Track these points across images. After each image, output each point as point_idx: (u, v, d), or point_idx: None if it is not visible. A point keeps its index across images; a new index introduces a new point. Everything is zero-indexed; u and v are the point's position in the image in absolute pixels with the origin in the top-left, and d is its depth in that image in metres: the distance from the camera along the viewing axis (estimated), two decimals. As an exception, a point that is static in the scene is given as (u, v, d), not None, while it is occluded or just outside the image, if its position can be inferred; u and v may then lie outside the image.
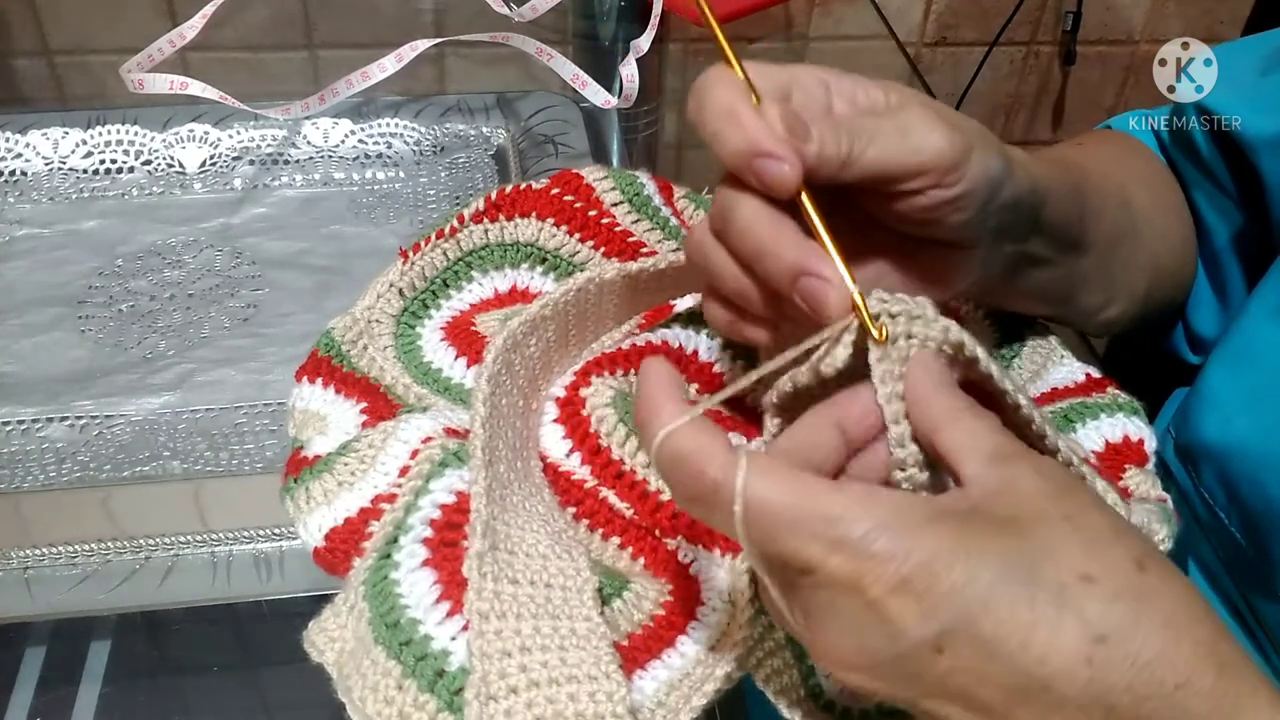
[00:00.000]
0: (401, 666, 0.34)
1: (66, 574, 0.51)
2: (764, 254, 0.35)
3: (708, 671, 0.36)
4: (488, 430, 0.38)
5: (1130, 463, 0.43)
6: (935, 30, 1.33)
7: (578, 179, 0.51)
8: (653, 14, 0.86)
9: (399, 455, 0.40)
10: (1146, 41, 1.38)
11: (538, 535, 0.37)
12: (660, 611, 0.38)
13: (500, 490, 0.37)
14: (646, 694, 0.35)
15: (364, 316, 0.47)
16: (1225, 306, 0.60)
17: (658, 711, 0.35)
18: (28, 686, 0.51)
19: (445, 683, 0.33)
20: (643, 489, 0.41)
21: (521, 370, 0.42)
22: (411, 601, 0.35)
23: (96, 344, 0.65)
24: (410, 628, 0.34)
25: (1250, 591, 0.54)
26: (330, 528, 0.40)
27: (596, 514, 0.41)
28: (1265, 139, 0.54)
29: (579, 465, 0.42)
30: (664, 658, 0.37)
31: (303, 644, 0.37)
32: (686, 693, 0.35)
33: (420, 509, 0.38)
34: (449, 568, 0.36)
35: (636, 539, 0.41)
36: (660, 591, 0.39)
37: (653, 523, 0.40)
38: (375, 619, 0.35)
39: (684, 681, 0.36)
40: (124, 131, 0.77)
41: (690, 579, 0.39)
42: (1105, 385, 0.47)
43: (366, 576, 0.37)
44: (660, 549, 0.40)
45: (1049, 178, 0.44)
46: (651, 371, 0.32)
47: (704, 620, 0.38)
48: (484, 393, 0.39)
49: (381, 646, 0.34)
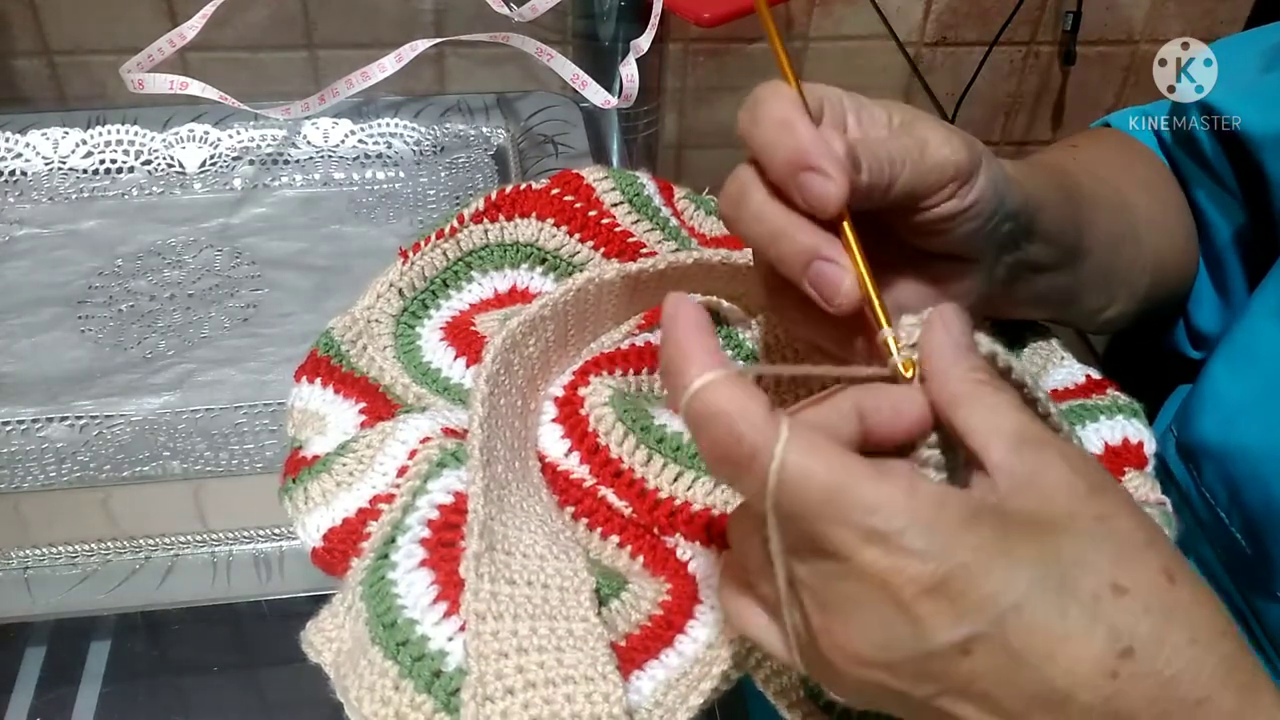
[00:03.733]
0: (398, 667, 0.34)
1: (66, 574, 0.51)
2: (778, 238, 0.34)
3: (705, 670, 0.36)
4: (486, 430, 0.38)
5: (1130, 465, 0.43)
6: (935, 30, 1.33)
7: (578, 179, 0.51)
8: (653, 14, 0.86)
9: (397, 456, 0.40)
10: (1146, 41, 1.38)
11: (535, 536, 0.37)
12: (658, 611, 0.38)
13: (498, 490, 0.37)
14: (644, 694, 0.35)
15: (363, 316, 0.47)
16: (1226, 303, 0.60)
17: (655, 711, 0.35)
18: (28, 686, 0.51)
19: (442, 683, 0.33)
20: (641, 487, 0.41)
21: (520, 370, 0.42)
22: (409, 602, 0.35)
23: (96, 344, 0.65)
24: (407, 628, 0.34)
25: (1250, 592, 0.54)
26: (328, 528, 0.40)
27: (595, 513, 0.41)
28: (1267, 137, 0.54)
29: (577, 464, 0.42)
30: (662, 657, 0.36)
31: (300, 644, 0.37)
32: (684, 692, 0.35)
33: (418, 509, 0.38)
34: (446, 568, 0.36)
35: (635, 537, 0.41)
36: (659, 591, 0.39)
37: (651, 521, 0.40)
38: (372, 619, 0.35)
39: (681, 681, 0.36)
40: (124, 131, 0.77)
41: (688, 577, 0.39)
42: (1105, 387, 0.47)
43: (364, 577, 0.37)
44: (659, 547, 0.40)
45: (1042, 187, 0.44)
46: (680, 314, 0.29)
47: (702, 619, 0.37)
48: (482, 392, 0.39)
49: (378, 647, 0.34)
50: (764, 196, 0.34)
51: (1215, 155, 0.57)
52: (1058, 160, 0.55)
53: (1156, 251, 0.56)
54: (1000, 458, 0.29)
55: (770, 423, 0.27)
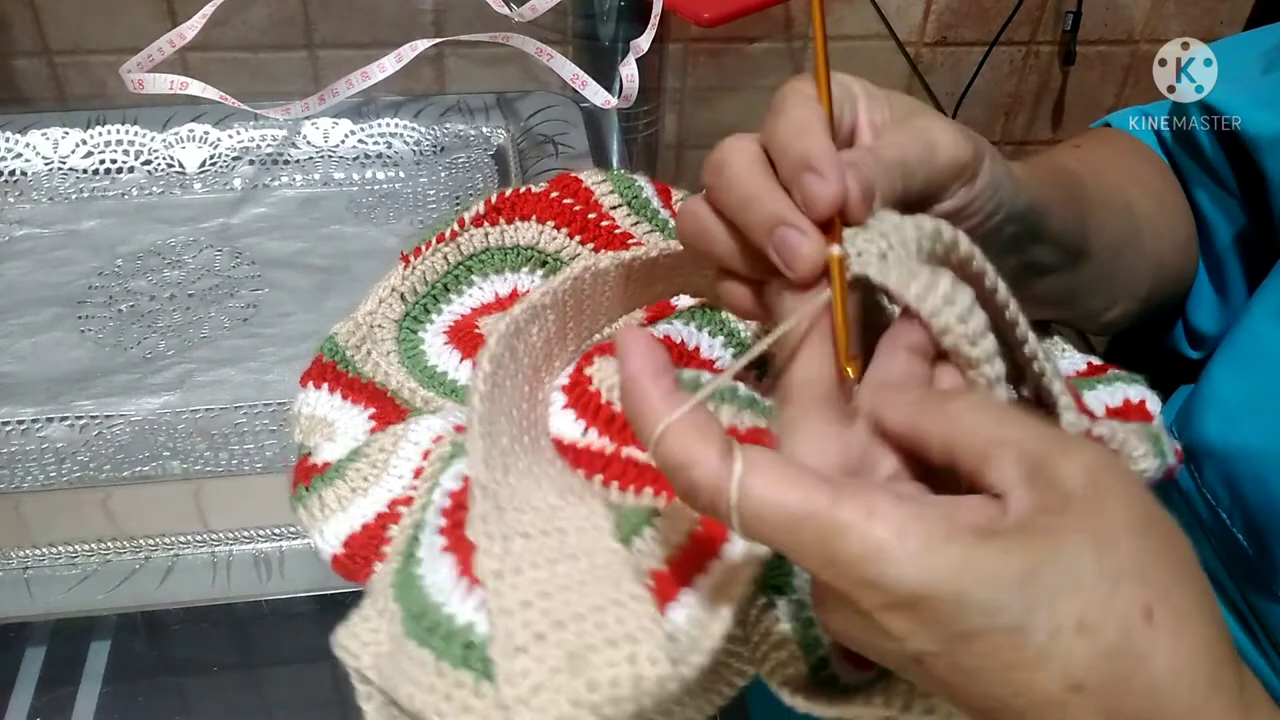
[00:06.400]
0: (433, 652, 0.33)
1: (66, 574, 0.51)
2: (748, 204, 0.34)
3: (740, 576, 0.34)
4: (486, 404, 0.37)
5: (1135, 420, 0.43)
6: (935, 30, 1.33)
7: (577, 182, 0.51)
8: (653, 14, 0.86)
9: (411, 458, 0.40)
10: (1146, 41, 1.38)
11: (546, 492, 0.37)
12: (687, 543, 0.37)
13: (502, 459, 0.37)
14: (678, 624, 0.34)
15: (366, 321, 0.47)
16: (1226, 303, 0.60)
17: (690, 629, 0.33)
18: (28, 686, 0.51)
19: (476, 654, 0.33)
20: None
21: (525, 358, 0.41)
22: (434, 588, 0.35)
23: (96, 344, 0.65)
24: (434, 612, 0.34)
25: (1251, 592, 0.54)
26: (348, 534, 0.40)
27: (624, 474, 0.40)
28: (1267, 137, 0.54)
29: (596, 438, 0.41)
30: (695, 583, 0.35)
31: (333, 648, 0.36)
32: (716, 606, 0.34)
33: (433, 503, 0.38)
34: (465, 547, 0.35)
35: (668, 484, 0.40)
36: (692, 521, 0.38)
37: None
38: (406, 617, 0.35)
39: (715, 599, 0.35)
40: (124, 131, 0.77)
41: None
42: (1106, 369, 0.48)
43: (394, 579, 0.36)
44: None
45: (1047, 189, 0.44)
46: (631, 351, 0.30)
47: (736, 540, 0.37)
48: (485, 371, 0.38)
49: (413, 640, 0.34)
50: (743, 164, 0.35)
51: (1215, 155, 0.57)
52: (1062, 161, 0.55)
53: (1157, 252, 0.56)
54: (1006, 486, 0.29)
55: (724, 464, 0.28)
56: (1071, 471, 0.29)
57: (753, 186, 0.35)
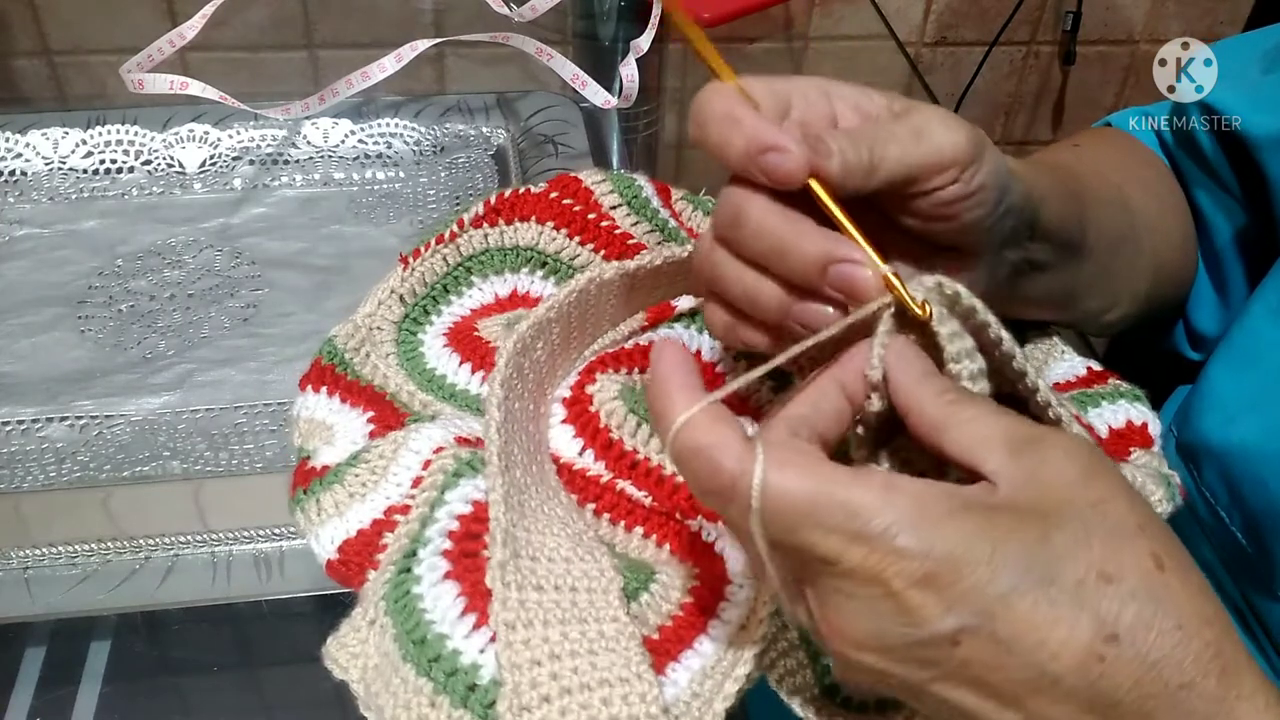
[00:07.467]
0: (432, 683, 0.34)
1: (66, 574, 0.51)
2: (785, 250, 0.35)
3: (739, 654, 0.36)
4: (503, 435, 0.38)
5: (1136, 445, 0.43)
6: (935, 30, 1.33)
7: (576, 182, 0.51)
8: (653, 14, 0.86)
9: (411, 466, 0.40)
10: (1146, 41, 1.38)
11: (558, 539, 0.37)
12: (689, 599, 0.38)
13: (518, 496, 0.37)
14: (681, 686, 0.35)
15: (365, 324, 0.47)
16: (1226, 304, 0.60)
17: (693, 703, 0.35)
18: (28, 686, 0.51)
19: (478, 696, 0.33)
20: (658, 474, 0.41)
21: (531, 375, 0.42)
22: (437, 616, 0.35)
23: (96, 344, 0.65)
24: (438, 643, 0.34)
25: (1251, 591, 0.54)
26: (343, 540, 0.40)
27: (616, 507, 0.41)
28: (1267, 137, 0.54)
29: (593, 462, 0.42)
30: (696, 645, 0.36)
31: (323, 658, 0.36)
32: (719, 680, 0.35)
33: (437, 521, 0.37)
34: (471, 579, 0.36)
35: (659, 525, 0.40)
36: (687, 577, 0.38)
37: (672, 506, 0.40)
38: (401, 635, 0.35)
39: (716, 668, 0.36)
40: (124, 131, 0.77)
41: (716, 558, 0.39)
42: (1106, 377, 0.47)
43: (386, 591, 0.36)
44: (684, 531, 0.40)
45: (1045, 183, 0.44)
46: (664, 357, 0.31)
47: (733, 599, 0.37)
48: (498, 397, 0.38)
49: (410, 664, 0.34)
50: (761, 211, 0.35)
51: (1215, 155, 0.57)
52: (1060, 158, 0.55)
53: (1156, 251, 0.56)
54: (995, 466, 0.31)
55: (747, 449, 0.29)
56: (1054, 455, 0.31)
57: (782, 233, 0.35)
